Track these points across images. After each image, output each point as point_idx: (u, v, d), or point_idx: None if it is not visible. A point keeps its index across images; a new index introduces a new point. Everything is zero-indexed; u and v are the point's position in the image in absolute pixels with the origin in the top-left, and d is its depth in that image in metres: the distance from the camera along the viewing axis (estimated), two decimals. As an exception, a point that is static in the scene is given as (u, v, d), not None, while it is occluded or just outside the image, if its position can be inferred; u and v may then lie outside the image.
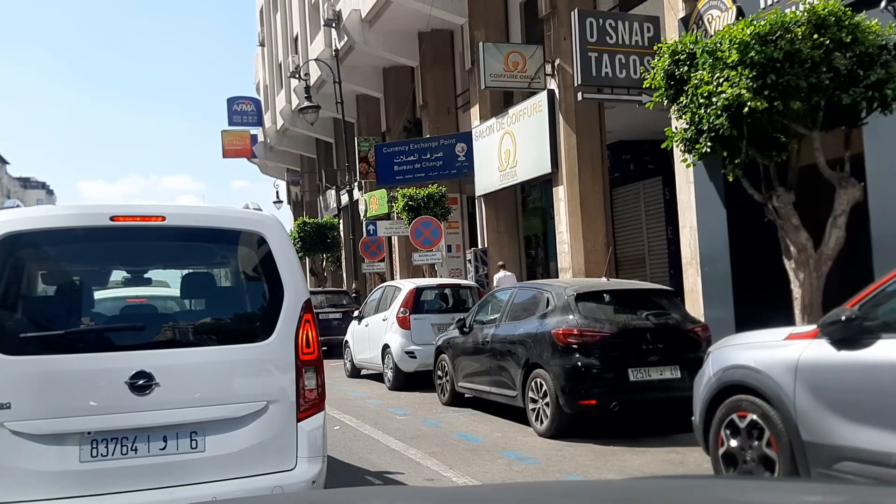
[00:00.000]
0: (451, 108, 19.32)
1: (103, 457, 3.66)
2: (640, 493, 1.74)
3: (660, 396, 7.21)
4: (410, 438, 7.52)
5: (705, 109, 6.97)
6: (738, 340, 5.06)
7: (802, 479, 3.95)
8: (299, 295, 4.12)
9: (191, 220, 4.18)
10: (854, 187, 6.90)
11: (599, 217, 13.42)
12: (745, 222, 9.24)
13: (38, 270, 4.13)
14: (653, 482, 2.08)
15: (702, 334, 7.51)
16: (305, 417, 4.03)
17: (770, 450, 4.46)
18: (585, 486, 2.48)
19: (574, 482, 4.88)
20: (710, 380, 4.94)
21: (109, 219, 3.89)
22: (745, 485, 2.06)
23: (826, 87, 6.55)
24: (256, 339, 4.04)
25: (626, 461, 6.34)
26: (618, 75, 11.20)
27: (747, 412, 4.61)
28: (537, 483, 4.75)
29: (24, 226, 3.81)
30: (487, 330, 8.63)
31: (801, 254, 7.10)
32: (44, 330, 3.88)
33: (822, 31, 6.61)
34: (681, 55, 7.34)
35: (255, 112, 35.58)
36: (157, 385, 3.74)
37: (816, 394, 4.19)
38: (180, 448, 3.78)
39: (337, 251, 26.18)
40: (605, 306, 7.60)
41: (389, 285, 12.89)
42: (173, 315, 4.60)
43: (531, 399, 7.53)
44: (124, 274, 4.58)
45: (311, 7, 26.13)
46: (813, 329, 4.38)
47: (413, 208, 16.13)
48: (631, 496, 1.69)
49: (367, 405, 9.96)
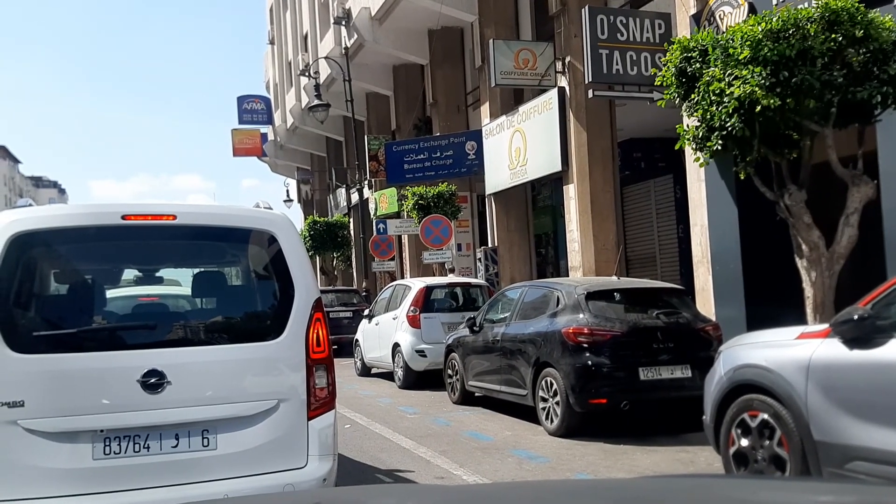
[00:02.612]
0: (461, 105, 19.30)
1: (116, 454, 3.68)
2: (650, 492, 1.73)
3: (670, 395, 7.19)
4: (421, 437, 7.53)
5: (717, 107, 6.94)
6: (750, 339, 5.04)
7: (813, 479, 3.94)
8: (310, 293, 4.13)
9: (202, 218, 4.20)
10: (867, 185, 6.85)
11: (610, 215, 13.37)
12: (756, 221, 9.19)
13: (50, 269, 4.16)
14: (662, 481, 2.07)
15: (713, 333, 7.48)
16: (316, 416, 4.04)
17: (781, 449, 4.44)
18: (594, 484, 2.48)
19: (582, 481, 4.87)
20: (721, 379, 4.92)
21: (121, 218, 3.91)
22: (754, 484, 2.04)
23: (839, 83, 6.50)
24: (267, 337, 4.06)
25: (636, 460, 6.32)
26: (629, 72, 11.15)
27: (758, 411, 4.59)
28: (546, 482, 4.74)
29: (36, 225, 3.84)
30: (498, 329, 8.63)
31: (813, 252, 7.05)
32: (56, 328, 3.91)
33: (834, 27, 6.56)
34: (692, 52, 7.31)
35: (265, 110, 35.66)
36: (168, 383, 3.76)
37: (828, 393, 4.17)
38: (192, 446, 3.80)
39: (347, 250, 26.21)
40: (615, 305, 7.58)
41: (400, 284, 12.91)
42: (185, 314, 4.63)
43: (541, 398, 7.52)
44: (136, 273, 4.61)
45: (320, 5, 26.15)
46: (825, 328, 4.35)
47: (423, 207, 16.12)
48: (640, 495, 1.68)
49: (377, 404, 9.98)
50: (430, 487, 3.77)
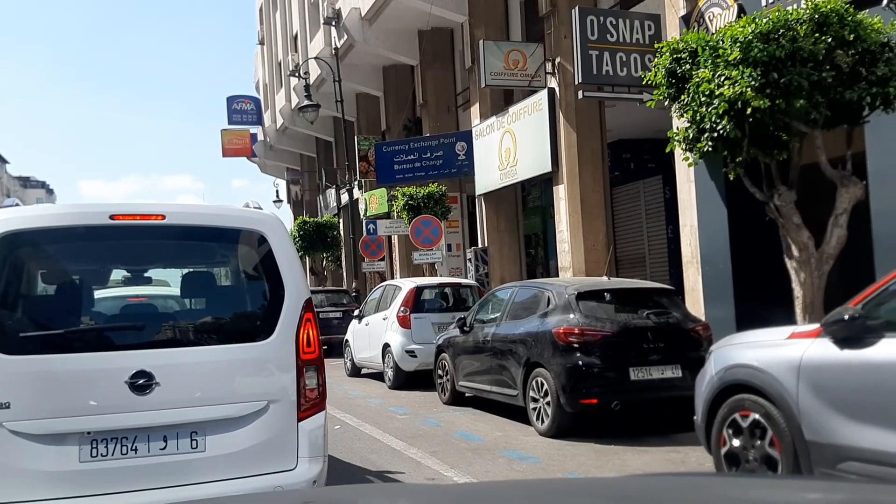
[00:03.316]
0: (451, 106, 19.28)
1: (103, 457, 3.64)
2: (641, 490, 1.73)
3: (661, 395, 7.20)
4: (411, 438, 7.51)
5: (707, 108, 6.95)
6: (741, 339, 5.05)
7: (804, 477, 3.95)
8: (300, 294, 4.10)
9: (191, 218, 4.16)
10: (856, 186, 6.87)
11: (600, 216, 13.39)
12: (745, 221, 9.21)
13: (37, 269, 4.11)
14: (654, 479, 2.08)
15: (703, 333, 7.49)
16: (306, 417, 4.01)
17: (773, 449, 4.44)
18: (585, 483, 2.47)
19: (574, 479, 4.86)
20: (713, 379, 4.93)
21: (109, 218, 3.87)
22: (744, 482, 2.04)
23: (828, 84, 6.53)
24: (257, 338, 4.02)
25: (627, 461, 6.32)
26: (619, 73, 11.16)
27: (750, 411, 4.59)
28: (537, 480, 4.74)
29: (23, 224, 3.79)
30: (488, 329, 8.61)
31: (803, 253, 7.07)
32: (43, 329, 3.86)
33: (824, 28, 6.59)
34: (682, 53, 7.32)
35: (254, 111, 35.55)
36: (157, 384, 3.72)
37: (820, 393, 4.18)
38: (180, 448, 3.76)
39: (337, 250, 26.14)
40: (606, 305, 7.58)
41: (390, 284, 12.87)
42: (173, 314, 4.59)
43: (532, 398, 7.51)
44: (124, 273, 4.56)
45: (310, 5, 26.08)
46: (816, 328, 4.36)
47: (413, 207, 16.10)
48: (631, 493, 1.68)
49: (367, 404, 9.94)
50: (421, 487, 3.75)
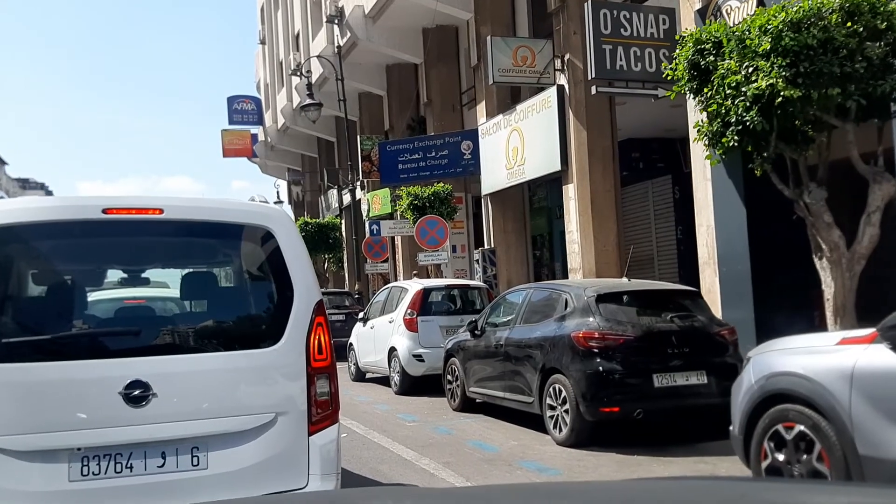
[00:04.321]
0: (456, 105, 18.96)
1: (95, 475, 3.30)
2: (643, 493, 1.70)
3: (686, 403, 6.85)
4: (422, 447, 7.16)
5: (733, 101, 6.65)
6: (783, 345, 4.70)
7: (815, 482, 3.77)
8: (311, 295, 3.76)
9: (191, 213, 3.81)
10: (889, 183, 6.59)
11: (611, 216, 13.05)
12: (765, 221, 8.90)
13: (23, 269, 3.75)
14: (655, 483, 2.07)
15: (729, 337, 7.15)
16: (318, 430, 3.67)
17: (821, 464, 4.11)
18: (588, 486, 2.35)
19: (577, 483, 4.67)
20: (752, 388, 4.58)
21: (101, 211, 3.52)
22: (750, 486, 1.94)
23: (860, 76, 6.24)
24: (263, 344, 3.68)
25: (653, 471, 5.97)
26: (633, 68, 10.83)
27: (795, 423, 4.25)
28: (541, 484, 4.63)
29: (6, 219, 3.45)
30: (501, 333, 8.28)
31: (834, 253, 6.76)
32: (30, 334, 3.53)
33: (855, 18, 6.32)
34: (706, 44, 7.02)
35: (255, 111, 35.27)
36: (154, 395, 3.38)
37: (876, 404, 3.84)
38: (180, 465, 3.43)
39: (339, 252, 25.85)
40: (627, 308, 7.23)
41: (395, 286, 12.54)
42: (173, 318, 4.24)
43: (549, 406, 7.16)
44: (120, 273, 4.22)
45: (313, 3, 25.79)
46: (870, 333, 4.02)
47: (418, 207, 15.78)
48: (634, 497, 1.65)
49: (374, 410, 9.60)
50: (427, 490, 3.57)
